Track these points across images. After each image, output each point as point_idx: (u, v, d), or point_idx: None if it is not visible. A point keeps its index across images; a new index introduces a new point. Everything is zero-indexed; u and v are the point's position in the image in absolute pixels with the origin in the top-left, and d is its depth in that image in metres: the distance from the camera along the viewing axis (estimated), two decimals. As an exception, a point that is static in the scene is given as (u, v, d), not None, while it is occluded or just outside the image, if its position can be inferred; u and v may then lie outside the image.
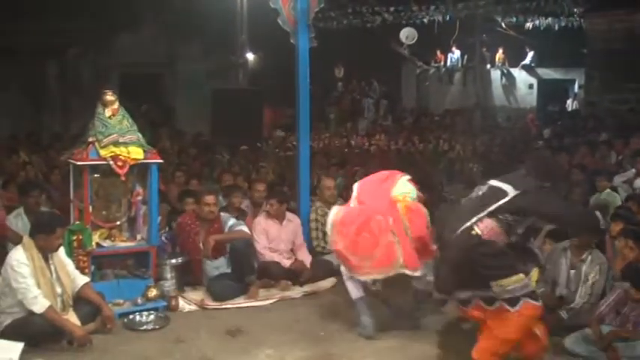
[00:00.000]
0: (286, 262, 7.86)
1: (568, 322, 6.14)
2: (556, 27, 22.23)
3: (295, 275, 7.74)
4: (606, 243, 6.84)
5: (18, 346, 5.28)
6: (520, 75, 25.63)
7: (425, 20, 22.26)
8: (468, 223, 4.97)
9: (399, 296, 6.67)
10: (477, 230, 4.94)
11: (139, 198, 7.04)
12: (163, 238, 7.51)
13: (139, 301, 6.72)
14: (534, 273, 6.56)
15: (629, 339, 5.60)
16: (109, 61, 18.25)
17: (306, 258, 7.99)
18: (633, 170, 10.02)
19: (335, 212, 6.20)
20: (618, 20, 16.98)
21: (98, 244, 6.77)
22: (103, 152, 6.68)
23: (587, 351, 5.72)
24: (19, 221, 7.32)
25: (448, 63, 26.26)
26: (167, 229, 7.96)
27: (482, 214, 4.97)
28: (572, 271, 6.39)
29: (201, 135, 16.91)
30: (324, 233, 8.33)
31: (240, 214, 8.21)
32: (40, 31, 16.04)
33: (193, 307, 6.95)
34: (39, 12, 15.84)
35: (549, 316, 6.21)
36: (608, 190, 9.09)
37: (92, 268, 6.66)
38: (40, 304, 5.63)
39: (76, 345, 5.74)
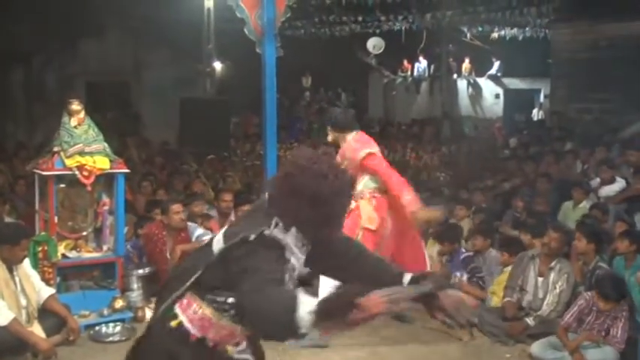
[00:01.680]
0: None
1: (534, 329, 6.24)
2: (522, 37, 22.53)
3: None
4: (572, 253, 6.93)
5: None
6: (486, 85, 25.89)
7: (392, 30, 22.40)
8: (169, 301, 3.01)
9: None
10: (179, 316, 2.99)
11: (106, 208, 7.00)
12: (129, 247, 7.48)
13: (105, 312, 6.67)
14: (501, 277, 6.70)
15: (594, 344, 5.71)
16: (74, 69, 18.09)
17: None
18: (598, 180, 10.17)
19: None
20: (582, 31, 17.22)
21: (64, 255, 6.72)
22: (68, 162, 6.64)
23: (554, 357, 5.81)
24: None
25: (415, 72, 26.44)
26: (134, 238, 7.92)
27: (182, 289, 2.98)
28: (540, 279, 6.49)
29: (168, 144, 16.83)
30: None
31: (205, 219, 8.20)
32: (3, 38, 15.86)
33: (160, 318, 6.91)
34: (2, 18, 15.67)
35: (516, 323, 6.32)
36: (584, 204, 9.12)
37: (57, 279, 6.61)
38: (3, 316, 5.56)
39: (41, 358, 5.68)
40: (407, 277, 3.02)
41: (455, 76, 26.03)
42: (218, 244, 2.87)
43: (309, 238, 2.85)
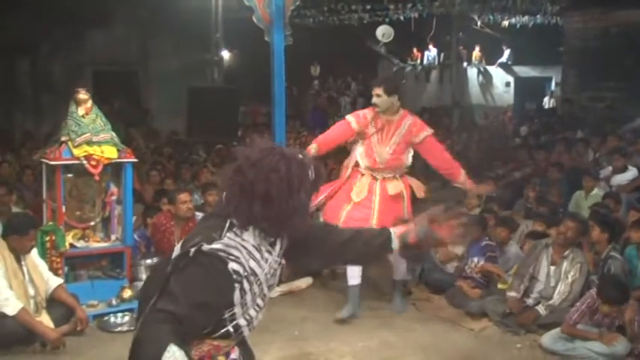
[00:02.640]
0: None
1: (546, 319, 6.21)
2: (532, 25, 22.39)
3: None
4: (584, 243, 6.90)
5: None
6: (497, 73, 25.80)
7: (401, 18, 22.29)
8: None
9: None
10: None
11: (113, 198, 7.00)
12: (137, 237, 7.49)
13: (114, 302, 6.68)
14: (513, 270, 6.69)
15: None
16: (81, 59, 18.09)
17: None
18: (610, 168, 10.12)
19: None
20: (594, 18, 17.12)
21: (72, 245, 6.73)
22: (76, 152, 6.64)
23: (565, 348, 5.78)
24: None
25: (425, 61, 26.38)
26: (142, 227, 7.94)
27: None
28: (553, 268, 6.47)
29: (176, 133, 16.83)
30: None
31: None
32: (10, 28, 15.86)
33: (169, 308, 6.92)
34: (9, 8, 15.67)
35: (527, 312, 6.30)
36: (596, 191, 9.10)
37: (65, 269, 6.62)
38: (12, 306, 5.58)
39: (49, 348, 5.71)
40: (393, 230, 2.91)
41: (465, 64, 25.95)
42: (176, 252, 2.66)
43: (274, 234, 2.68)
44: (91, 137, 6.72)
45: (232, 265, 2.53)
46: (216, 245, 2.53)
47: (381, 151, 6.65)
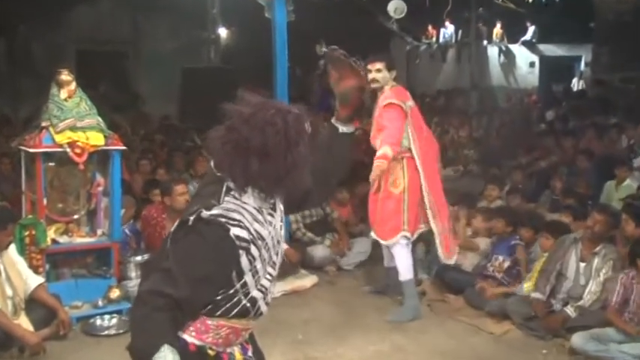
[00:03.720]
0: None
1: (575, 321, 6.15)
2: (560, -1, 22.30)
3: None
4: (617, 238, 6.86)
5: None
6: (520, 52, 25.72)
7: (415, -9, 22.21)
8: None
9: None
10: None
11: (100, 189, 6.99)
12: (127, 231, 7.48)
13: (100, 303, 6.67)
14: (537, 264, 6.65)
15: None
16: (64, 38, 18.08)
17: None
18: (645, 156, 10.08)
19: None
20: (630, -10, 17.04)
21: (53, 241, 6.71)
22: (58, 138, 6.61)
23: (597, 349, 5.74)
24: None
25: (441, 39, 26.28)
26: (132, 221, 7.92)
27: None
28: (583, 265, 6.41)
29: (168, 118, 16.83)
30: (304, 216, 8.41)
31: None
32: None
33: (160, 310, 6.91)
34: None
35: (554, 314, 6.26)
36: (628, 182, 9.05)
37: (47, 267, 6.60)
38: (-12, 307, 5.57)
39: (28, 353, 5.68)
40: (334, 122, 3.13)
41: (485, 42, 25.85)
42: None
43: (273, 193, 2.73)
44: (74, 122, 6.69)
45: (235, 231, 2.55)
46: (215, 211, 2.56)
47: (371, 131, 6.96)
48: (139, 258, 7.08)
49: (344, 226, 8.91)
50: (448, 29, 26.06)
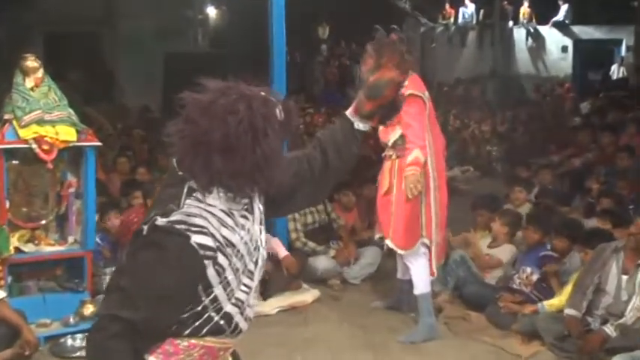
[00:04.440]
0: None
1: (615, 342, 6.11)
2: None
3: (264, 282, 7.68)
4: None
5: None
6: (551, 35, 25.71)
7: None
8: None
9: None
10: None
11: (71, 190, 6.99)
12: (98, 240, 7.44)
13: (72, 320, 6.66)
14: (571, 279, 6.64)
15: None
16: (29, 18, 18.07)
17: (278, 249, 7.97)
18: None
19: None
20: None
21: (17, 249, 6.69)
22: (23, 133, 6.61)
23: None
24: None
25: (460, 20, 26.28)
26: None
27: None
28: (625, 278, 6.38)
29: (149, 110, 16.84)
30: (306, 224, 8.41)
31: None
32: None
33: (140, 328, 6.91)
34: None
35: (593, 334, 6.23)
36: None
37: (9, 279, 6.60)
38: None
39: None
40: (347, 112, 3.05)
41: (511, 23, 25.85)
42: None
43: (244, 192, 2.63)
44: (42, 115, 6.69)
45: (196, 238, 2.48)
46: (174, 217, 2.50)
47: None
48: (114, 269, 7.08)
49: (350, 234, 8.91)
50: (468, 8, 26.07)
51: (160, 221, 2.48)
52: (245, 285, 2.67)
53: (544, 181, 10.36)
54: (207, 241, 2.50)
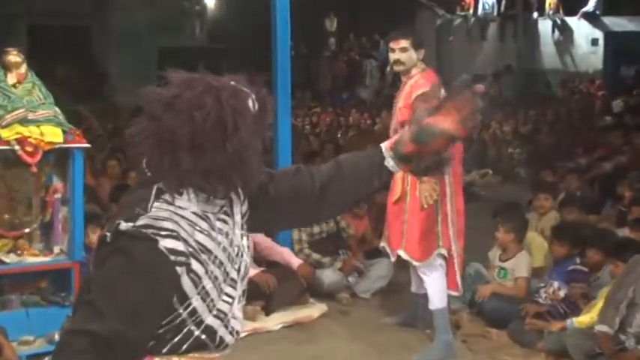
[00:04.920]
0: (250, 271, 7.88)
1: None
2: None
3: (263, 295, 7.67)
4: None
5: None
6: (580, 27, 25.66)
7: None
8: None
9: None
10: None
11: (58, 196, 6.99)
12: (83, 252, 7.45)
13: (57, 337, 6.66)
14: (602, 293, 6.62)
15: None
16: (11, 9, 18.14)
17: (290, 259, 7.99)
18: None
19: None
20: None
21: (-1, 260, 6.73)
22: (4, 133, 6.61)
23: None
24: None
25: (479, 10, 26.29)
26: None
27: None
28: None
29: (142, 110, 16.87)
30: (312, 234, 8.41)
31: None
32: None
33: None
34: None
35: (627, 353, 6.23)
36: None
37: (-10, 292, 6.63)
38: None
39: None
40: (383, 145, 2.91)
41: (535, 14, 25.85)
42: None
43: (218, 192, 2.59)
44: (25, 114, 6.70)
45: (165, 243, 2.44)
46: (140, 221, 2.46)
47: (391, 124, 7.01)
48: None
49: (360, 243, 8.92)
50: (489, -1, 26.12)
51: (124, 226, 2.44)
52: (227, 295, 2.64)
53: (571, 186, 10.34)
54: (178, 245, 2.46)
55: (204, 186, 2.52)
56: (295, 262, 7.94)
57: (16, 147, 6.62)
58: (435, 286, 6.78)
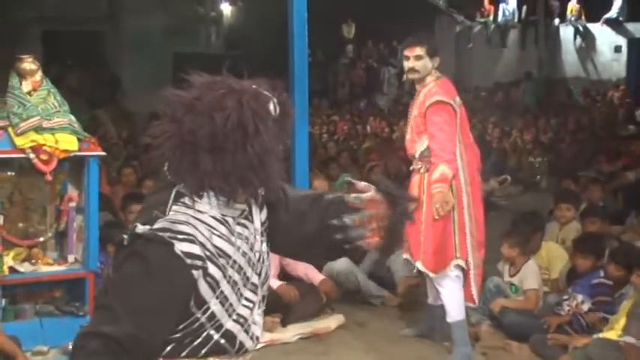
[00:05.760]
0: (273, 283, 7.89)
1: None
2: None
3: (283, 306, 7.68)
4: None
5: None
6: (603, 33, 25.59)
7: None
8: None
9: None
10: None
11: (72, 205, 7.01)
12: (102, 259, 7.47)
13: (71, 348, 6.68)
14: (624, 306, 6.59)
15: None
16: (26, 15, 18.20)
17: (314, 275, 7.99)
18: None
19: None
20: None
21: (12, 269, 6.70)
22: (19, 141, 6.63)
23: None
24: None
25: (500, 17, 26.24)
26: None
27: None
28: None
29: (157, 117, 16.90)
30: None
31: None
32: None
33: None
34: None
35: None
36: None
37: (3, 302, 6.63)
38: None
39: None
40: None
41: (557, 21, 25.78)
42: None
43: (238, 195, 2.62)
44: (40, 122, 6.71)
45: (181, 246, 2.46)
46: (158, 225, 2.50)
47: (406, 134, 6.99)
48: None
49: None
50: (509, 5, 26.03)
51: (141, 229, 2.48)
52: (247, 299, 2.67)
53: (593, 196, 10.29)
54: (195, 249, 2.48)
55: (225, 188, 2.55)
56: (318, 277, 7.93)
57: (31, 155, 6.64)
58: (452, 298, 6.76)
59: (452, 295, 6.71)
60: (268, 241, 2.86)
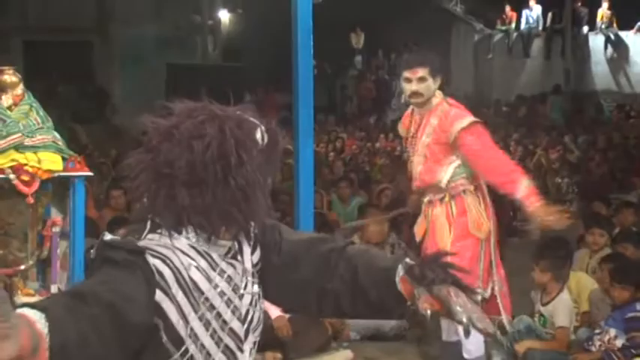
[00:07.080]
0: (274, 312, 7.86)
1: None
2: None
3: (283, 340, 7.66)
4: None
5: None
6: (636, 43, 25.62)
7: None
8: None
9: None
10: None
11: (56, 230, 7.00)
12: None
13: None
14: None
15: None
16: (6, 23, 18.27)
17: (267, 306, 7.96)
18: None
19: None
20: None
21: (-9, 300, 6.72)
22: (-1, 160, 6.67)
23: None
24: None
25: (522, 25, 26.27)
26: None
27: None
28: None
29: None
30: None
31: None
32: None
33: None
34: None
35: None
36: None
37: (-18, 336, 6.62)
38: None
39: None
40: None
41: (586, 29, 25.81)
42: None
43: (223, 233, 2.58)
44: (21, 139, 6.71)
45: (154, 261, 2.44)
46: (116, 237, 2.51)
47: (414, 162, 6.83)
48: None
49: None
50: (533, 11, 26.07)
51: (108, 237, 2.48)
52: (227, 347, 2.61)
53: (626, 221, 10.27)
54: (165, 270, 2.45)
55: (204, 225, 2.52)
56: (274, 313, 7.89)
57: (11, 176, 6.61)
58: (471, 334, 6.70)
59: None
60: (260, 284, 2.79)
